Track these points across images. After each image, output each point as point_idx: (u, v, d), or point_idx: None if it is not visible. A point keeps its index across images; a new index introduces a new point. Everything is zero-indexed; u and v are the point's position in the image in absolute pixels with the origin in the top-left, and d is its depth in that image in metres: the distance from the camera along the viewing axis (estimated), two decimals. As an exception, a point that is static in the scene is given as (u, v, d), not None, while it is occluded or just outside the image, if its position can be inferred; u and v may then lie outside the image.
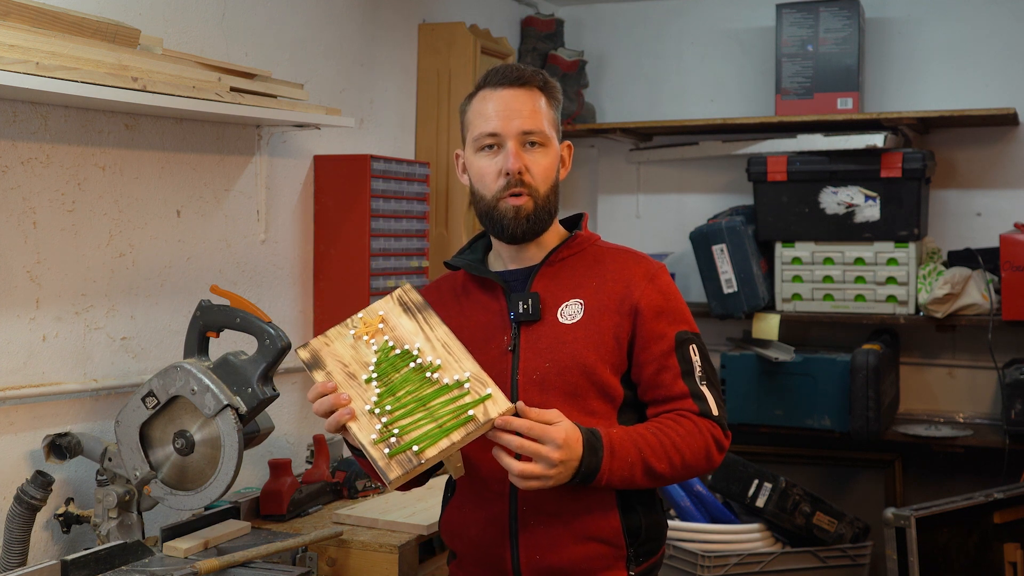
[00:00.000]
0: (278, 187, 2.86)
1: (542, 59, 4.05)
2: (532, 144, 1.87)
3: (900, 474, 3.82)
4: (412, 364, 1.76)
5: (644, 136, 4.14)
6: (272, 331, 2.11)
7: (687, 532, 3.32)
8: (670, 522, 3.36)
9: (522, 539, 1.85)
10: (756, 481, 3.30)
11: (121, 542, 2.11)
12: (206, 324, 2.22)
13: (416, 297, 1.83)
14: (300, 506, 2.53)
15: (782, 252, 3.73)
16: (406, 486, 1.88)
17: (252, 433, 2.25)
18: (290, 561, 2.19)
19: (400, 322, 1.81)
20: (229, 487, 2.12)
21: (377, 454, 1.69)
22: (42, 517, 2.16)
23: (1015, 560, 3.04)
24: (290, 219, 2.91)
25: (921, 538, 2.92)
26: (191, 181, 2.57)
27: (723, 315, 3.72)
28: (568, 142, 1.99)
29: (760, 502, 3.29)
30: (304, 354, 1.81)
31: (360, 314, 1.83)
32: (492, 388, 1.72)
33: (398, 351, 1.78)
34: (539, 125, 1.87)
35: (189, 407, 2.13)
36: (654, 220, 4.21)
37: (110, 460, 2.18)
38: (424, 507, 2.52)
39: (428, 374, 1.74)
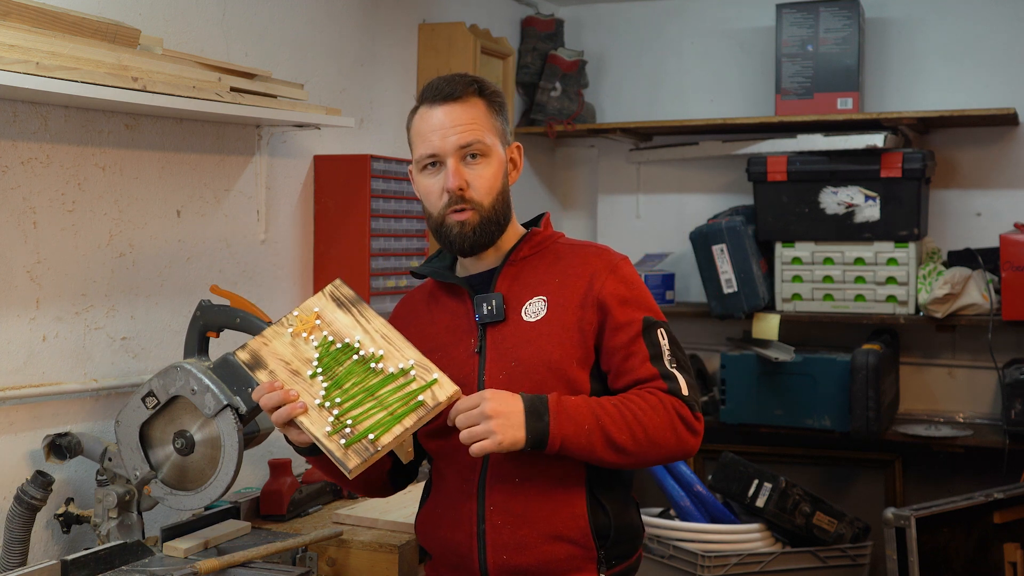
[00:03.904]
0: (278, 187, 2.86)
1: (542, 59, 4.05)
2: (473, 156, 1.86)
3: (900, 474, 3.82)
4: (355, 356, 1.79)
5: (644, 136, 4.14)
6: (272, 331, 2.11)
7: (687, 532, 3.31)
8: (670, 522, 3.36)
9: (489, 539, 1.85)
10: (756, 481, 3.30)
11: (121, 542, 2.10)
12: (206, 324, 2.22)
13: (348, 291, 1.86)
14: (300, 506, 2.53)
15: (782, 252, 3.73)
16: (371, 489, 2.00)
17: (252, 433, 2.24)
18: (290, 561, 2.19)
19: (336, 317, 1.84)
20: (229, 487, 2.11)
21: (333, 446, 1.72)
22: (42, 517, 2.16)
23: (1015, 560, 3.04)
24: (290, 219, 2.91)
25: (921, 538, 2.91)
26: (191, 181, 2.57)
27: (723, 315, 3.72)
28: (518, 143, 1.98)
29: (760, 502, 3.29)
30: (243, 355, 1.83)
31: (295, 312, 1.85)
32: (437, 373, 1.76)
33: (339, 345, 1.81)
34: (477, 136, 1.86)
35: (189, 407, 2.13)
36: (654, 220, 4.21)
37: (110, 460, 2.18)
38: (424, 507, 2.51)
39: (372, 365, 1.78)
